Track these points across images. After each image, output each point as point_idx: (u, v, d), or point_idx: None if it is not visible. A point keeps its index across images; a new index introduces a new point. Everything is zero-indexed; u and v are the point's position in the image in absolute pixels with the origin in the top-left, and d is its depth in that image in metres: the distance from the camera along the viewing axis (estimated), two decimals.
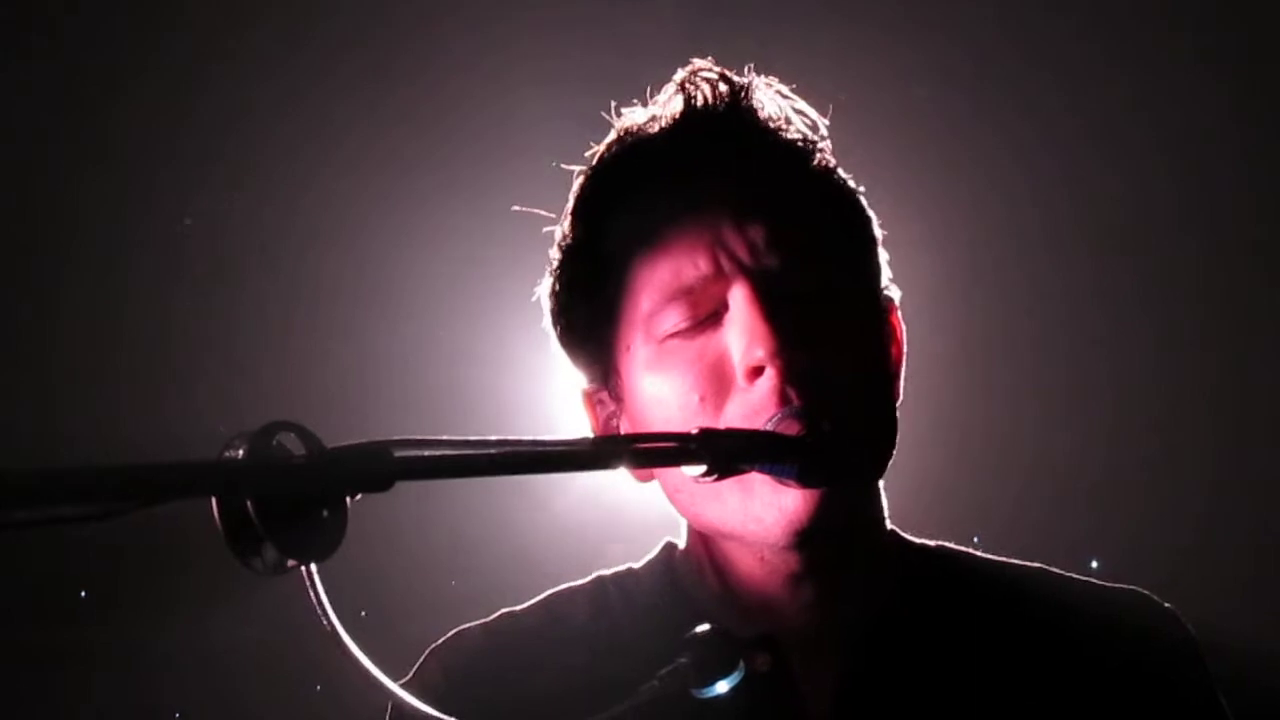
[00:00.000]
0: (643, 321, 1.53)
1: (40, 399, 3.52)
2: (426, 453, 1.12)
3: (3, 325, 3.54)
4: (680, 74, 1.62)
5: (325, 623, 1.07)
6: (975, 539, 1.72)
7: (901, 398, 1.61)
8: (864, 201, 1.64)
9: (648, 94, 1.64)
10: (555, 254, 1.65)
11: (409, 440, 1.10)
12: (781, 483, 1.44)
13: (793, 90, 1.64)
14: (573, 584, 1.71)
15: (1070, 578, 1.70)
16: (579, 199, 1.63)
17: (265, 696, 3.51)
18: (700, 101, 1.60)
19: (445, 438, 1.13)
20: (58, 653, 3.40)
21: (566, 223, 1.63)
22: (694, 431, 1.38)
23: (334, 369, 3.63)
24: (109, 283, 3.63)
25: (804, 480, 1.44)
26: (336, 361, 3.65)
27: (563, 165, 1.66)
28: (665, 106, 1.61)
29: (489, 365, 3.35)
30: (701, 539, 1.62)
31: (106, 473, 0.95)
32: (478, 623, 1.68)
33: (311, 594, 1.06)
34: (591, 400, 1.64)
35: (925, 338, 1.67)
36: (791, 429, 1.43)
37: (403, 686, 1.16)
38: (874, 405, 1.54)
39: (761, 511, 1.47)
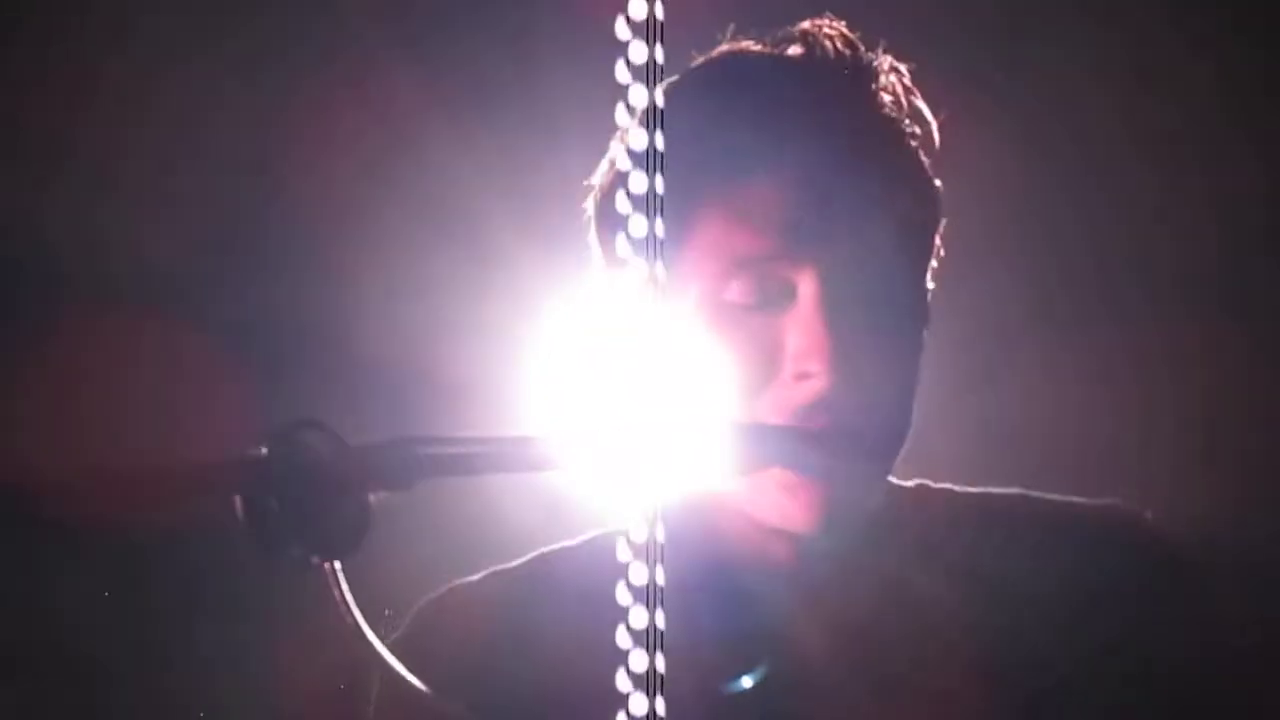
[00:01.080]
0: (702, 279, 1.47)
1: (56, 401, 3.53)
2: (449, 450, 1.12)
3: (16, 325, 3.55)
4: (804, 24, 1.54)
5: (349, 620, 1.07)
6: None
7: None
8: (940, 193, 1.59)
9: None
10: (620, 149, 1.45)
11: (433, 438, 1.10)
12: (801, 476, 1.43)
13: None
14: (565, 543, 1.68)
15: (1047, 499, 1.66)
16: (670, 105, 1.41)
17: (288, 695, 3.51)
18: (820, 54, 1.52)
19: (468, 435, 1.13)
20: (78, 654, 3.41)
21: (644, 124, 1.42)
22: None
23: (357, 368, 3.63)
24: (124, 283, 3.63)
25: (827, 477, 1.43)
26: (360, 360, 3.64)
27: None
28: (782, 47, 1.53)
29: (512, 366, 3.35)
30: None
31: (128, 472, 0.95)
32: (467, 579, 1.66)
33: (335, 591, 1.06)
34: None
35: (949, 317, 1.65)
36: (818, 421, 1.43)
37: (391, 644, 1.14)
38: (902, 404, 1.53)
39: (766, 508, 1.47)
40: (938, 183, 1.59)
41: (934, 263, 1.60)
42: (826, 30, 1.54)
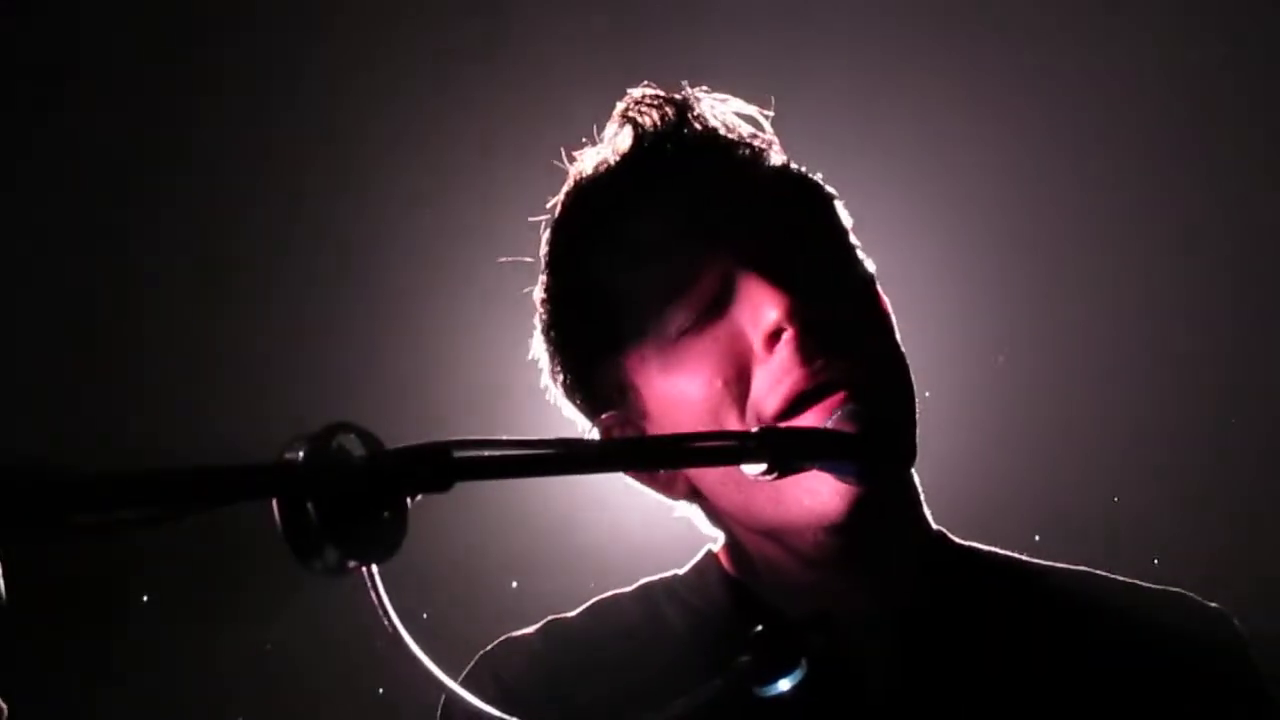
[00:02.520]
0: (651, 331, 1.54)
1: (90, 405, 3.56)
2: (486, 453, 1.12)
3: (53, 331, 3.58)
4: (620, 106, 1.64)
5: (387, 624, 1.07)
6: (1036, 537, 1.72)
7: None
8: (822, 183, 1.66)
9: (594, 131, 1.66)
10: (541, 307, 1.67)
11: (468, 440, 1.10)
12: (840, 479, 1.44)
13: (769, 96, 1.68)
14: (619, 590, 1.71)
15: (1114, 579, 1.71)
16: (554, 249, 1.65)
17: (328, 699, 3.53)
18: (650, 125, 1.62)
19: (504, 438, 1.13)
20: (118, 657, 3.43)
21: (546, 275, 1.66)
22: (753, 429, 1.38)
23: (392, 370, 3.64)
24: (162, 287, 3.66)
25: (862, 479, 1.45)
26: (395, 363, 3.66)
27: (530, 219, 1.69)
28: (614, 141, 1.63)
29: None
30: (745, 535, 1.61)
31: (167, 476, 0.95)
32: (527, 629, 1.68)
33: (373, 595, 1.06)
34: (609, 428, 1.63)
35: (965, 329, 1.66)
36: (848, 428, 1.44)
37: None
38: (899, 372, 1.56)
39: (823, 490, 1.48)
40: (801, 166, 1.65)
41: (854, 239, 1.65)
42: (648, 103, 1.63)
